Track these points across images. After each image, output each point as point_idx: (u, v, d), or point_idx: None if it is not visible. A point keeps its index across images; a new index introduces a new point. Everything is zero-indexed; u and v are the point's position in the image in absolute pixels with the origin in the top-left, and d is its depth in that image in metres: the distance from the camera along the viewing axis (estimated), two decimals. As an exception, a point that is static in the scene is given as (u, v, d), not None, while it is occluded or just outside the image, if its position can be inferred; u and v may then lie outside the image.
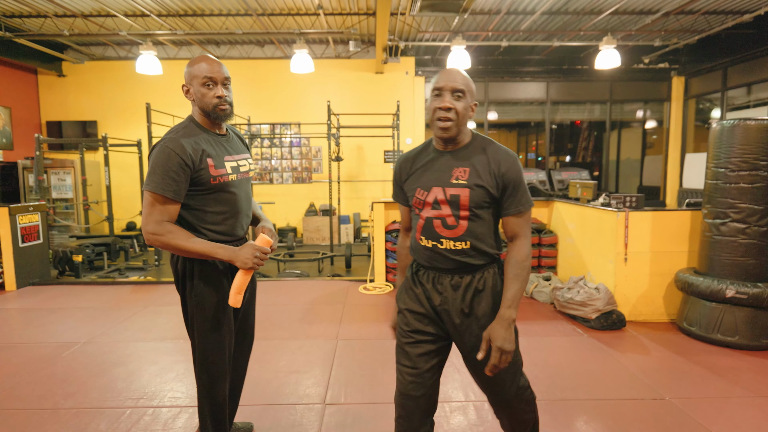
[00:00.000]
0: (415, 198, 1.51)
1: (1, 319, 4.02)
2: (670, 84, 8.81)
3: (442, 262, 1.51)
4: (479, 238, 1.49)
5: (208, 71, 1.65)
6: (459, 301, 1.51)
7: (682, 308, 3.53)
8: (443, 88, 1.43)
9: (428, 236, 1.50)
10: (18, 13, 6.61)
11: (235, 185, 1.73)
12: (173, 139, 1.61)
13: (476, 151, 1.49)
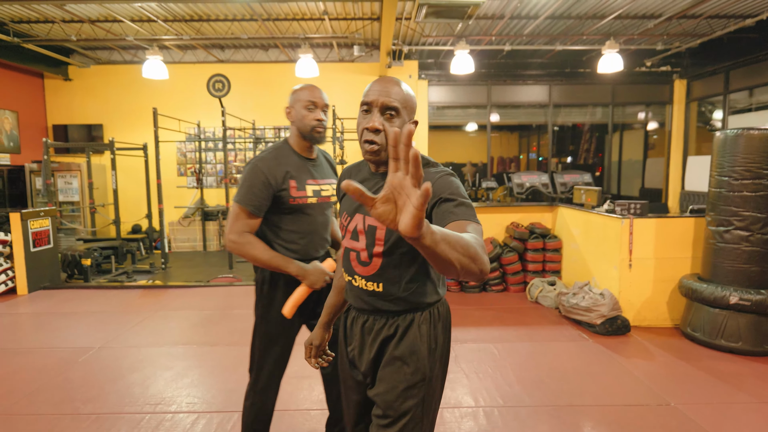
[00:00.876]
0: (340, 222, 1.34)
1: (16, 324, 4.08)
2: (672, 87, 8.86)
3: (357, 301, 1.30)
4: (394, 282, 1.22)
5: (311, 96, 1.78)
6: (366, 347, 1.28)
7: (686, 314, 3.59)
8: (373, 104, 1.17)
9: (346, 269, 1.31)
10: (26, 18, 6.67)
11: (313, 208, 1.83)
12: (264, 158, 1.76)
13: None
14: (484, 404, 2.63)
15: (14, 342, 3.62)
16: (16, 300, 4.80)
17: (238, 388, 2.81)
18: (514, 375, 2.98)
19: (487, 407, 2.59)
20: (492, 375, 2.99)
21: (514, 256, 4.94)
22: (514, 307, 4.47)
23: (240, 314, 4.22)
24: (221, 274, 5.96)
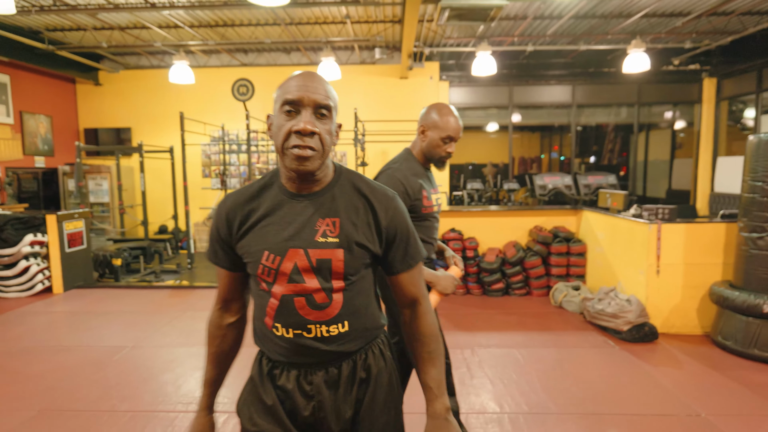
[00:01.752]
0: (260, 266, 1.01)
1: (53, 322, 4.25)
2: (701, 86, 8.64)
3: (310, 356, 1.04)
4: (360, 313, 1.07)
5: (452, 132, 1.88)
6: (340, 402, 1.06)
7: (717, 322, 3.52)
8: (301, 102, 0.97)
9: (287, 323, 1.02)
10: (60, 26, 6.90)
11: (434, 216, 1.96)
12: (399, 169, 1.88)
13: (345, 193, 1.05)
14: (509, 410, 2.63)
15: (53, 340, 3.77)
16: (53, 299, 4.99)
17: (266, 389, 2.88)
18: (539, 381, 2.97)
19: (512, 414, 2.59)
20: (516, 381, 2.98)
21: (537, 260, 4.91)
22: (537, 311, 4.45)
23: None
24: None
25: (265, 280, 1.02)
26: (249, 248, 1.03)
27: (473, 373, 3.07)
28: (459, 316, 4.29)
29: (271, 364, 1.09)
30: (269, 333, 1.06)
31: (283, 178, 1.05)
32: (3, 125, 7.09)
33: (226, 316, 1.16)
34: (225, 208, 1.07)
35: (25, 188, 7.83)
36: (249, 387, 1.13)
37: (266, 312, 1.05)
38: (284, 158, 0.99)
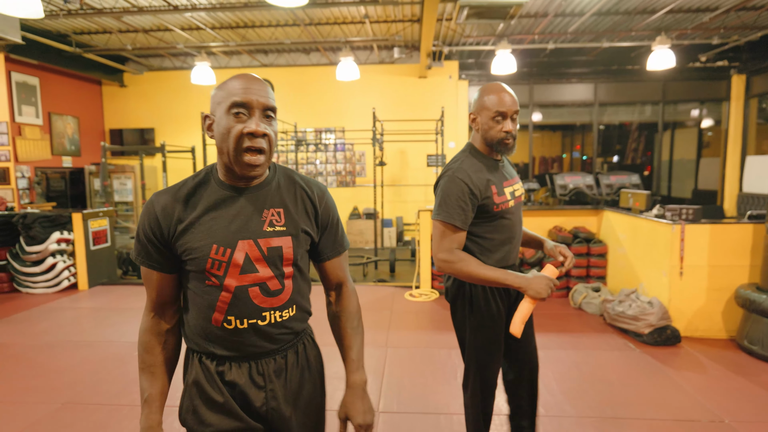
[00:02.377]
0: (210, 260, 1.03)
1: (78, 317, 4.38)
2: (729, 83, 8.39)
3: (261, 345, 1.08)
4: (303, 297, 1.16)
5: (499, 106, 1.63)
6: (290, 387, 1.13)
7: (743, 326, 3.41)
8: (251, 104, 1.00)
9: (241, 314, 1.05)
10: (87, 30, 7.10)
11: (511, 212, 1.73)
12: (460, 169, 1.67)
13: (283, 185, 1.12)
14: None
15: (77, 335, 3.88)
16: (78, 295, 5.13)
17: (281, 386, 2.91)
18: (557, 384, 2.93)
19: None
20: (533, 383, 2.94)
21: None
22: (556, 313, 4.38)
23: (283, 314, 4.35)
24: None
25: (215, 274, 1.03)
26: (193, 244, 1.03)
27: (489, 374, 3.04)
28: (476, 316, 4.26)
29: (216, 362, 1.08)
30: (217, 329, 1.06)
31: (223, 174, 1.07)
32: (32, 126, 7.33)
33: (162, 322, 1.12)
34: (158, 206, 1.05)
35: (53, 187, 8.08)
36: (192, 392, 1.09)
37: (216, 307, 1.05)
38: (235, 163, 1.01)
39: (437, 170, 7.76)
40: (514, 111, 1.64)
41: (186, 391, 1.11)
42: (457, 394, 2.80)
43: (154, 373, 1.10)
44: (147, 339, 1.11)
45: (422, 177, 8.71)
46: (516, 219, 1.77)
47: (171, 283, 1.10)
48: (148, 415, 1.09)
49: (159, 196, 1.06)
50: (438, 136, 7.44)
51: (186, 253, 1.03)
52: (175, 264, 1.08)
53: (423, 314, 4.36)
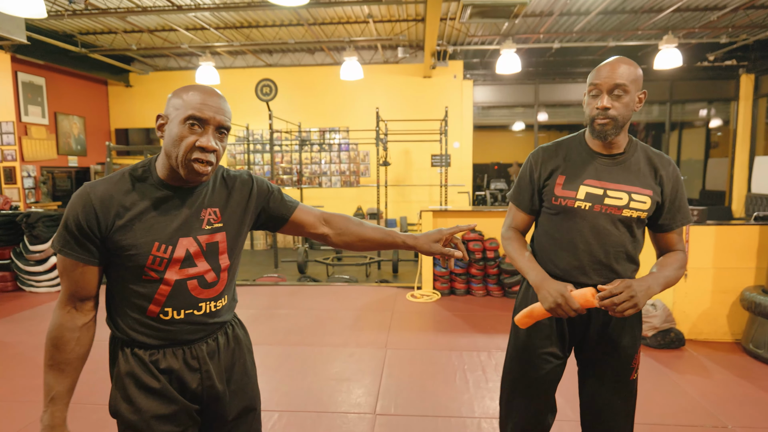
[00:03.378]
0: (150, 257, 1.06)
1: (79, 317, 4.39)
2: (737, 82, 8.28)
3: (194, 333, 1.15)
4: (233, 287, 1.27)
5: (595, 77, 1.38)
6: (222, 366, 1.21)
7: (749, 329, 3.35)
8: (208, 121, 1.06)
9: (178, 305, 1.11)
10: (92, 30, 7.14)
11: (581, 215, 1.44)
12: (542, 147, 1.55)
13: (218, 185, 1.20)
14: (524, 416, 2.56)
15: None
16: (81, 294, 5.15)
17: (280, 387, 2.90)
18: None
19: (528, 419, 2.53)
20: (533, 386, 2.91)
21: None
22: (559, 314, 4.33)
23: (284, 314, 4.34)
24: (267, 274, 6.14)
25: (156, 269, 1.07)
26: (133, 241, 1.05)
27: (488, 377, 3.02)
28: (478, 317, 4.23)
29: (150, 352, 1.12)
30: (151, 320, 1.10)
31: (165, 174, 1.10)
32: (38, 126, 7.39)
33: (78, 316, 1.09)
34: (96, 197, 1.04)
35: (59, 187, 8.14)
36: (125, 382, 1.10)
37: (153, 299, 1.09)
38: (182, 168, 1.05)
39: (442, 170, 7.73)
40: (613, 84, 1.33)
41: (117, 382, 1.12)
42: (455, 396, 2.78)
43: (63, 370, 1.08)
44: (59, 335, 1.07)
45: (426, 177, 8.68)
46: (586, 227, 1.43)
47: (94, 277, 1.08)
48: (54, 413, 1.08)
49: (96, 186, 1.06)
50: (442, 136, 7.41)
51: (124, 249, 1.05)
52: (104, 257, 1.08)
53: (424, 315, 4.34)
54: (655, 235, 1.52)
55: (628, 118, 1.39)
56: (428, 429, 2.47)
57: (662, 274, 1.40)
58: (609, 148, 1.44)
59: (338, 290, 5.24)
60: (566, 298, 1.33)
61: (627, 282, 1.30)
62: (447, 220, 5.19)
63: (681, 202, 1.45)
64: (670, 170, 1.45)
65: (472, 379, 2.99)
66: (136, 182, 1.09)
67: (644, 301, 1.30)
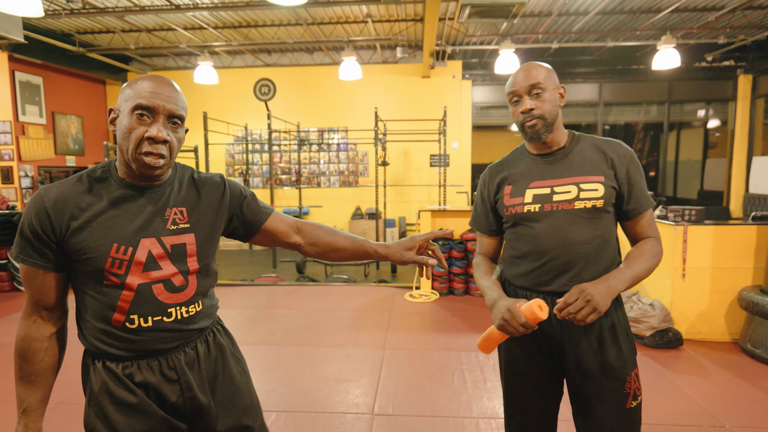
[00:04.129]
0: (109, 259, 1.00)
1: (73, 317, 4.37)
2: (735, 83, 8.29)
3: (169, 340, 1.07)
4: (208, 293, 1.18)
5: (513, 86, 1.37)
6: (204, 377, 1.14)
7: (746, 328, 3.36)
8: (156, 110, 1.00)
9: (145, 312, 1.03)
10: (90, 29, 7.13)
11: (535, 218, 1.37)
12: (491, 165, 1.52)
13: (186, 184, 1.14)
14: (522, 416, 2.56)
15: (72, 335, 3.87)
16: (79, 294, 5.14)
17: (277, 388, 2.89)
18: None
19: (526, 419, 2.53)
20: (531, 386, 2.91)
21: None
22: (557, 314, 4.33)
23: (282, 314, 4.33)
24: (265, 274, 6.13)
25: (116, 273, 1.00)
26: (90, 243, 0.99)
27: (486, 377, 3.01)
28: (475, 317, 4.22)
29: (123, 365, 1.05)
30: (118, 330, 1.03)
31: (123, 172, 1.05)
32: (36, 125, 7.37)
33: (45, 326, 1.06)
34: (49, 200, 0.99)
35: (57, 186, 8.11)
36: (99, 399, 1.04)
37: (116, 307, 1.02)
38: (133, 162, 1.00)
39: (440, 170, 7.72)
40: (528, 86, 1.33)
41: (91, 399, 1.06)
42: (453, 396, 2.77)
43: (33, 381, 1.05)
44: (26, 346, 1.04)
45: (426, 177, 8.67)
46: (545, 229, 1.34)
47: (56, 284, 1.04)
48: (27, 424, 1.05)
49: (49, 190, 1.01)
50: (441, 136, 7.40)
51: (81, 252, 0.99)
52: (64, 263, 1.03)
53: (423, 315, 4.33)
54: (624, 225, 1.41)
55: (556, 115, 1.36)
56: (426, 429, 2.46)
57: (628, 270, 1.29)
58: (548, 147, 1.39)
59: (336, 290, 5.23)
60: (512, 313, 1.24)
61: (581, 286, 1.21)
62: (446, 220, 5.18)
63: (640, 185, 1.35)
64: (622, 152, 1.35)
65: (471, 379, 2.99)
66: (94, 183, 1.03)
67: (605, 302, 1.18)
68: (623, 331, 1.37)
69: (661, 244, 1.37)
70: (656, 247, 1.35)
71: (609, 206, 1.34)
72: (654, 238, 1.37)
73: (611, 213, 1.36)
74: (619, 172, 1.34)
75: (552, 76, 1.36)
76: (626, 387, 1.33)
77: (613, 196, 1.33)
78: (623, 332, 1.36)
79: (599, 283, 1.23)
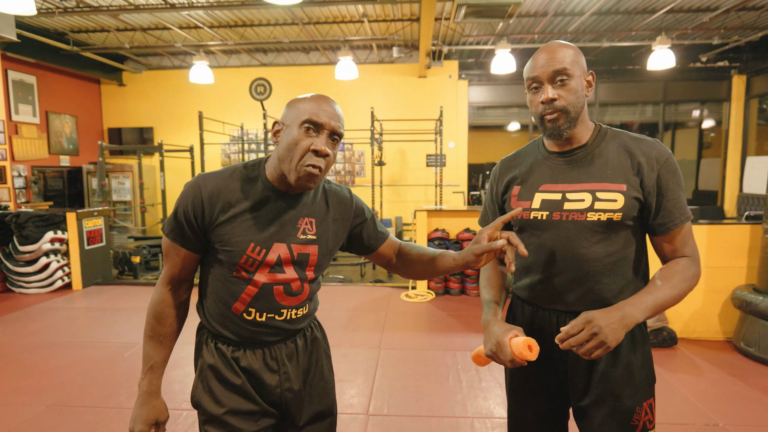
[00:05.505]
0: (245, 257, 1.08)
1: (71, 318, 4.35)
2: (730, 83, 8.34)
3: (275, 335, 1.15)
4: (316, 298, 1.26)
5: (530, 71, 1.18)
6: (301, 368, 1.21)
7: (740, 327, 3.37)
8: (323, 127, 1.06)
9: (262, 308, 1.12)
10: (84, 28, 7.09)
11: (542, 227, 1.22)
12: (503, 159, 1.38)
13: (319, 196, 1.20)
14: (517, 416, 2.56)
15: (70, 335, 3.86)
16: (72, 295, 5.11)
17: (272, 388, 2.88)
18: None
19: (520, 419, 2.53)
20: (527, 385, 2.91)
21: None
22: (552, 314, 4.34)
23: (277, 314, 4.32)
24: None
25: (247, 269, 1.10)
26: (232, 238, 1.09)
27: (482, 377, 3.01)
28: (471, 317, 4.23)
29: (232, 348, 1.15)
30: (236, 317, 1.13)
31: (274, 177, 1.12)
32: (29, 125, 7.32)
33: (177, 295, 1.18)
34: (206, 191, 1.09)
35: (51, 186, 8.07)
36: (208, 375, 1.15)
37: (239, 298, 1.12)
38: (294, 172, 1.06)
39: (437, 170, 7.73)
40: (552, 72, 1.12)
41: (201, 373, 1.16)
42: (448, 396, 2.77)
43: (162, 342, 1.16)
44: (161, 309, 1.16)
45: (422, 177, 8.68)
46: (551, 241, 1.19)
47: (192, 262, 1.15)
48: (151, 380, 1.15)
49: (207, 180, 1.10)
50: (437, 136, 7.41)
51: (221, 243, 1.09)
52: (203, 247, 1.14)
53: (418, 315, 4.33)
54: (653, 240, 1.19)
55: (581, 107, 1.16)
56: (421, 429, 2.46)
57: (650, 296, 1.08)
58: (568, 145, 1.20)
59: (332, 290, 5.22)
60: (500, 347, 1.11)
61: (588, 316, 1.04)
62: (441, 220, 5.18)
63: (674, 194, 1.14)
64: (654, 154, 1.14)
65: (466, 379, 2.98)
66: (244, 181, 1.12)
67: (615, 336, 1.01)
68: (640, 357, 1.19)
69: (698, 264, 1.15)
70: (690, 269, 1.13)
71: (630, 219, 1.14)
72: (689, 258, 1.15)
73: (634, 225, 1.16)
74: (646, 179, 1.13)
75: (580, 60, 1.16)
76: (635, 419, 1.17)
77: (635, 208, 1.13)
78: (639, 359, 1.19)
79: (612, 311, 1.05)
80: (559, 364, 1.23)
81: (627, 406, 1.17)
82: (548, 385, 1.27)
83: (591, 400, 1.19)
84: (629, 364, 1.18)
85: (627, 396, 1.17)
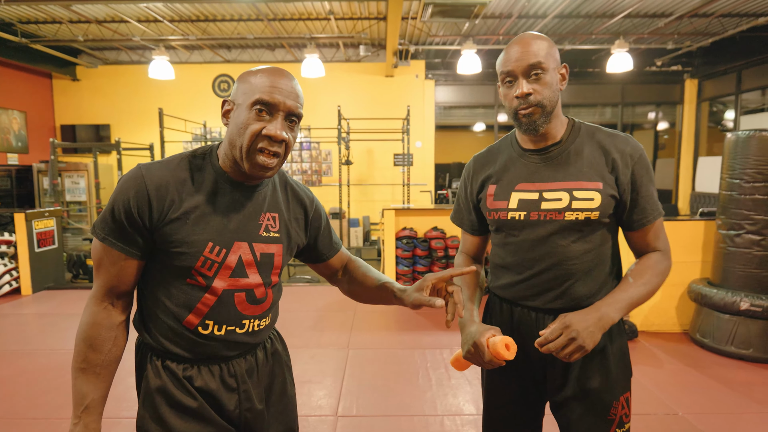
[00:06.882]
0: (202, 258, 0.94)
1: (18, 325, 4.10)
2: (683, 87, 8.72)
3: (231, 350, 1.02)
4: (276, 305, 1.13)
5: (503, 64, 1.15)
6: (261, 384, 1.09)
7: (695, 319, 3.51)
8: (277, 107, 0.95)
9: (221, 320, 0.98)
10: (33, 19, 6.71)
11: (519, 227, 1.21)
12: (474, 157, 1.34)
13: (279, 188, 1.09)
14: (486, 412, 2.57)
15: (18, 343, 3.63)
16: (20, 300, 4.82)
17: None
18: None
19: (489, 415, 2.54)
20: (495, 381, 2.93)
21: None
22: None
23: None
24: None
25: (204, 274, 0.94)
26: (185, 238, 0.93)
27: (451, 374, 3.01)
28: (441, 315, 4.23)
29: (183, 366, 0.99)
30: (189, 333, 0.97)
31: (227, 165, 0.98)
32: (-26, 121, 6.87)
33: (116, 313, 0.98)
34: (151, 183, 0.91)
35: (-3, 186, 7.60)
36: (156, 400, 0.97)
37: (194, 309, 0.95)
38: (246, 160, 0.92)
39: (404, 170, 7.73)
40: (527, 66, 1.09)
41: (146, 399, 0.98)
42: (418, 394, 2.76)
43: (99, 374, 0.96)
44: (95, 334, 0.95)
45: (389, 176, 8.67)
46: (530, 241, 1.18)
47: (136, 271, 0.97)
48: (88, 425, 0.95)
49: (152, 170, 0.92)
50: (404, 135, 7.41)
51: (173, 245, 0.92)
52: (149, 251, 0.96)
53: (387, 314, 4.31)
54: (627, 234, 1.22)
55: (556, 101, 1.14)
56: (391, 429, 2.43)
57: (625, 294, 1.11)
58: (543, 141, 1.18)
59: (299, 290, 5.14)
60: (477, 348, 1.10)
61: (565, 321, 1.05)
62: (409, 219, 5.18)
63: (648, 190, 1.16)
64: (628, 151, 1.15)
65: (435, 377, 2.98)
66: (195, 170, 0.96)
67: (592, 339, 1.03)
68: (616, 352, 1.21)
69: (669, 258, 1.19)
70: (662, 263, 1.17)
71: (606, 217, 1.15)
72: (660, 252, 1.19)
73: (610, 222, 1.18)
74: (621, 176, 1.14)
75: (554, 52, 1.14)
76: (611, 413, 1.18)
77: (611, 205, 1.14)
78: (616, 353, 1.21)
79: (589, 313, 1.07)
80: (537, 361, 1.23)
81: (604, 400, 1.18)
82: (525, 383, 1.26)
83: (569, 395, 1.19)
84: (606, 358, 1.19)
85: (604, 390, 1.18)
